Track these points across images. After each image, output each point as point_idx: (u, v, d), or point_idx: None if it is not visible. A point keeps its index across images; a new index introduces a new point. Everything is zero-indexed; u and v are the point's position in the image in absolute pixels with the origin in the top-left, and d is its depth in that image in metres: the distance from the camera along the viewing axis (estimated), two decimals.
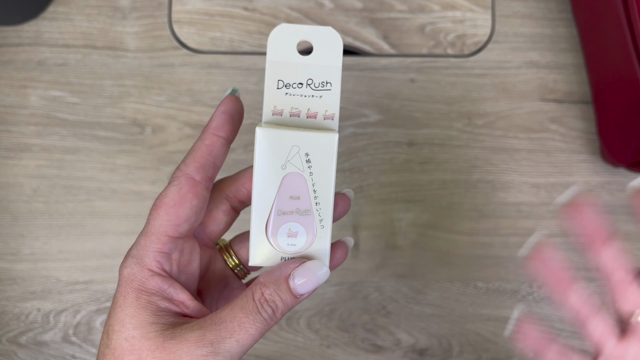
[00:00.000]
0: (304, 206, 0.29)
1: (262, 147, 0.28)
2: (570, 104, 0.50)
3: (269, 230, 0.29)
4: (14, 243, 0.48)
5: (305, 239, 0.29)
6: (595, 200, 0.49)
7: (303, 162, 0.29)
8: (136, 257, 0.28)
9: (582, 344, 0.48)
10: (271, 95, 0.29)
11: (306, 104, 0.29)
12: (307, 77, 0.29)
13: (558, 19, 0.51)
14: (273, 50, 0.29)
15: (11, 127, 0.49)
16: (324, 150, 0.28)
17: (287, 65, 0.29)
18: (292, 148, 0.28)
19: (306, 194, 0.29)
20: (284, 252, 0.29)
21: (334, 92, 0.29)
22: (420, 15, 0.50)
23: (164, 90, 0.49)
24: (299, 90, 0.29)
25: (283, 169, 0.28)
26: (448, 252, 0.48)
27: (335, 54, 0.29)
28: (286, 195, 0.29)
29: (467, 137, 0.49)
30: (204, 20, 0.50)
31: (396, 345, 0.47)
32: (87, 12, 0.50)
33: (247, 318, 0.27)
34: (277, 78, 0.29)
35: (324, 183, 0.29)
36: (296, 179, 0.29)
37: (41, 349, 0.47)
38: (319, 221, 0.29)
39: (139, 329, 0.27)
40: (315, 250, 0.29)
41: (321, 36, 0.29)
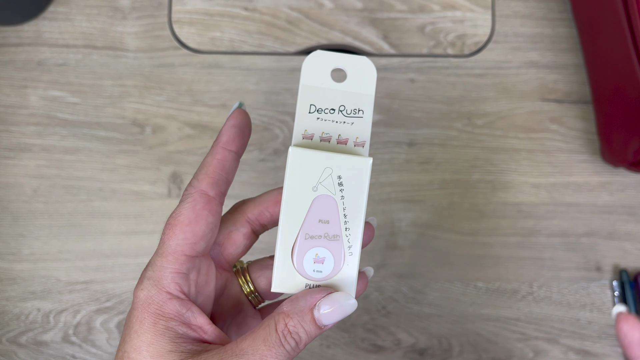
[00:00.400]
0: (333, 231, 0.28)
1: (294, 166, 0.28)
2: (570, 104, 0.50)
3: (295, 254, 0.28)
4: (14, 243, 0.48)
5: (332, 265, 0.28)
6: (595, 200, 0.49)
7: (335, 185, 0.28)
8: (153, 279, 0.27)
9: (582, 344, 0.48)
10: (303, 119, 0.28)
11: (337, 129, 0.29)
12: (340, 103, 0.29)
13: (558, 19, 0.51)
14: (307, 75, 0.29)
15: (11, 127, 0.49)
16: (358, 174, 0.28)
17: (320, 90, 0.29)
18: (324, 170, 0.28)
19: (336, 218, 0.28)
20: (309, 279, 0.28)
21: (366, 119, 0.29)
22: (420, 15, 0.50)
23: (164, 90, 0.49)
24: (331, 115, 0.29)
25: (314, 190, 0.28)
26: (448, 252, 0.48)
27: (368, 82, 0.29)
28: (315, 218, 0.28)
29: (467, 137, 0.49)
30: (204, 20, 0.50)
31: (396, 345, 0.47)
32: (87, 12, 0.50)
33: (269, 351, 0.26)
34: (309, 102, 0.28)
35: (355, 208, 0.28)
36: (327, 201, 0.28)
37: (41, 349, 0.47)
38: (347, 247, 0.28)
39: (156, 357, 0.26)
40: (342, 279, 0.28)
41: (355, 65, 0.29)
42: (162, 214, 0.48)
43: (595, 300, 0.48)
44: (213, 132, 0.49)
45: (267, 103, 0.49)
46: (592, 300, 0.48)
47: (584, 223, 0.49)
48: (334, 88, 0.29)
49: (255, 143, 0.49)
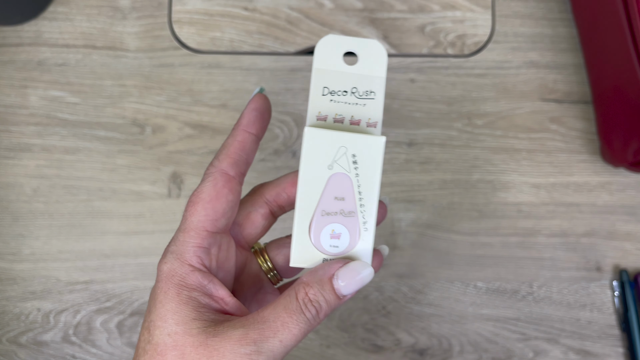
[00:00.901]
0: (348, 207, 0.29)
1: (310, 146, 0.29)
2: (570, 104, 0.50)
3: (312, 230, 0.29)
4: (14, 243, 0.48)
5: (348, 240, 0.29)
6: (595, 200, 0.49)
7: (350, 163, 0.29)
8: (176, 253, 0.28)
9: (582, 344, 0.48)
10: (316, 101, 0.29)
11: (350, 111, 0.29)
12: (352, 85, 0.29)
13: (558, 19, 0.51)
14: (319, 58, 0.29)
15: (11, 127, 0.49)
16: (372, 152, 0.29)
17: (333, 73, 0.29)
18: (339, 149, 0.29)
19: (351, 195, 0.29)
20: (326, 254, 0.29)
21: (378, 101, 0.29)
22: (420, 15, 0.50)
23: (164, 90, 0.49)
24: (344, 97, 0.29)
25: (329, 169, 0.29)
26: (448, 252, 0.48)
27: (379, 65, 0.29)
28: (331, 195, 0.29)
29: (467, 137, 0.49)
30: (204, 20, 0.50)
31: (396, 345, 0.47)
32: (87, 12, 0.50)
33: (290, 318, 0.27)
34: (322, 85, 0.29)
35: (369, 185, 0.29)
36: (342, 179, 0.29)
37: (41, 349, 0.47)
38: (362, 223, 0.29)
39: (181, 324, 0.27)
40: (358, 252, 0.29)
41: (366, 48, 0.29)
42: (162, 214, 0.48)
43: (595, 300, 0.48)
44: (213, 132, 0.49)
45: None
46: (592, 300, 0.48)
47: (584, 223, 0.48)
48: (346, 71, 0.29)
49: None
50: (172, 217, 0.48)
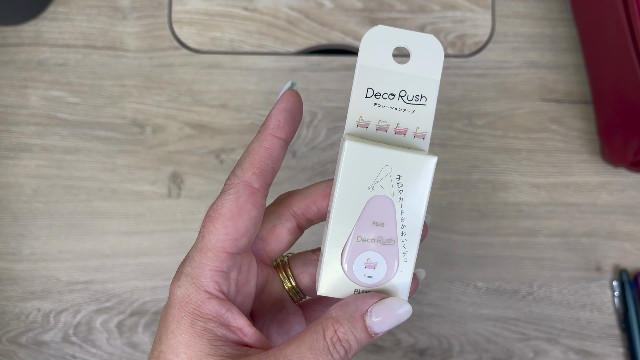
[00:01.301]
0: (388, 234, 0.26)
1: (350, 162, 0.25)
2: (570, 104, 0.50)
3: (345, 257, 0.26)
4: (14, 243, 0.48)
5: (385, 271, 0.26)
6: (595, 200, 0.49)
7: (394, 185, 0.25)
8: (191, 276, 0.26)
9: (582, 344, 0.48)
10: (358, 104, 0.26)
11: (396, 117, 0.26)
12: (401, 88, 0.26)
13: (558, 19, 0.51)
14: (365, 53, 0.26)
15: (11, 127, 0.49)
16: (420, 175, 0.25)
17: (380, 72, 0.26)
18: (383, 168, 0.25)
19: (392, 221, 0.26)
20: (358, 284, 0.26)
21: (429, 108, 0.26)
22: (420, 15, 0.50)
23: (164, 90, 0.49)
24: (390, 101, 0.26)
25: (370, 190, 0.25)
26: (448, 252, 0.48)
27: (434, 65, 0.26)
28: (369, 220, 0.26)
29: (467, 137, 0.49)
30: (204, 20, 0.50)
31: (396, 345, 0.47)
32: (87, 12, 0.50)
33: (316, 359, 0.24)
34: (366, 85, 0.26)
35: (414, 211, 0.26)
36: (383, 203, 0.26)
37: (41, 349, 0.47)
38: (402, 253, 0.26)
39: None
40: (394, 286, 0.26)
41: (421, 44, 0.26)
42: (162, 214, 0.48)
43: (595, 300, 0.48)
44: (213, 132, 0.49)
45: (267, 103, 0.49)
46: (592, 300, 0.48)
47: (584, 223, 0.48)
48: (395, 70, 0.26)
49: None
50: (172, 217, 0.48)
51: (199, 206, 0.48)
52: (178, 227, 0.48)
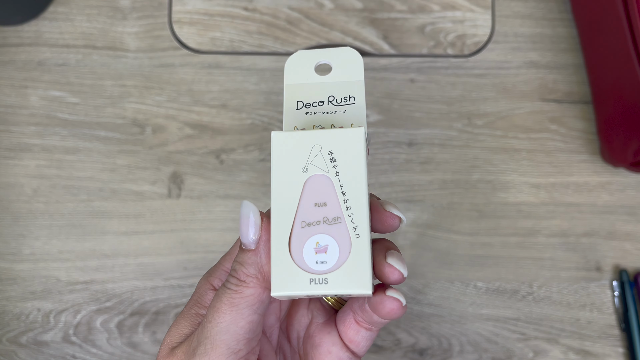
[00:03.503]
0: (332, 213, 0.24)
1: (279, 151, 0.25)
2: (570, 104, 0.50)
3: (292, 247, 0.24)
4: (15, 243, 0.48)
5: (337, 253, 0.24)
6: (595, 200, 0.49)
7: (327, 161, 0.25)
8: None
9: (582, 344, 0.48)
10: (291, 116, 0.26)
11: (330, 119, 0.26)
12: (328, 94, 0.27)
13: (558, 19, 0.51)
14: (290, 75, 0.27)
15: (11, 127, 0.49)
16: (351, 145, 0.25)
17: (306, 86, 0.27)
18: (312, 147, 0.25)
19: (334, 198, 0.24)
20: (312, 273, 0.24)
21: (359, 104, 0.26)
22: (420, 15, 0.50)
23: (164, 90, 0.49)
24: (320, 107, 0.26)
25: (304, 172, 0.25)
26: (448, 252, 0.48)
27: (356, 69, 0.27)
28: (310, 202, 0.25)
29: (467, 137, 0.49)
30: (204, 21, 0.50)
31: (396, 345, 0.47)
32: (87, 12, 0.50)
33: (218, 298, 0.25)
34: (295, 99, 0.27)
35: (354, 183, 0.25)
36: (321, 181, 0.25)
37: (41, 348, 0.47)
38: (352, 229, 0.24)
39: None
40: (352, 267, 0.24)
41: (339, 56, 0.27)
42: (162, 214, 0.48)
43: (595, 300, 0.48)
44: (213, 132, 0.49)
45: (267, 103, 0.49)
46: (592, 300, 0.48)
47: (584, 223, 0.48)
48: (320, 81, 0.27)
49: (255, 143, 0.49)
50: (172, 217, 0.48)
51: (199, 206, 0.48)
52: (178, 227, 0.48)
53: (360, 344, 0.27)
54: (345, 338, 0.27)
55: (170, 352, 0.27)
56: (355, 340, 0.27)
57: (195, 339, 0.25)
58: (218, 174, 0.48)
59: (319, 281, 0.24)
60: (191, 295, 0.28)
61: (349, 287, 0.24)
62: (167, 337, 0.28)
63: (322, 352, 0.27)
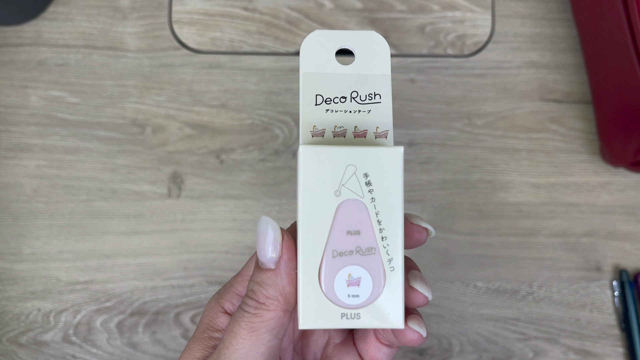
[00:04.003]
0: (366, 243, 0.23)
1: (308, 169, 0.23)
2: (570, 104, 0.50)
3: (323, 278, 0.23)
4: (15, 243, 0.48)
5: (371, 287, 0.23)
6: (595, 200, 0.49)
7: (362, 185, 0.23)
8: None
9: (582, 344, 0.48)
10: (309, 113, 0.24)
11: (352, 120, 0.24)
12: (351, 89, 0.24)
13: (558, 19, 0.51)
14: (307, 60, 0.24)
15: (11, 127, 0.49)
16: (388, 169, 0.23)
17: (326, 77, 0.24)
18: (347, 169, 0.23)
19: (369, 226, 0.23)
20: (344, 307, 0.23)
21: (385, 104, 0.24)
22: (420, 15, 0.50)
23: (164, 90, 0.49)
24: (342, 105, 0.24)
25: (337, 195, 0.23)
26: (448, 252, 0.48)
27: (382, 60, 0.24)
28: (343, 229, 0.23)
29: (467, 137, 0.49)
30: (204, 21, 0.50)
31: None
32: (87, 12, 0.50)
33: (237, 323, 0.24)
34: (314, 92, 0.24)
35: (390, 210, 0.23)
36: (354, 207, 0.23)
37: (41, 348, 0.47)
38: (387, 262, 0.23)
39: None
40: (385, 302, 0.23)
41: (364, 42, 0.24)
42: (162, 214, 0.48)
43: (595, 300, 0.48)
44: (213, 132, 0.49)
45: (267, 103, 0.49)
46: (592, 300, 0.48)
47: (584, 223, 0.48)
48: (342, 72, 0.24)
49: (255, 143, 0.49)
50: (172, 217, 0.48)
51: (199, 206, 0.48)
52: (178, 227, 0.48)
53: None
54: (366, 356, 0.27)
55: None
56: (377, 358, 0.26)
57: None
58: (218, 174, 0.48)
59: (351, 316, 0.23)
60: (201, 318, 0.27)
61: (381, 323, 0.23)
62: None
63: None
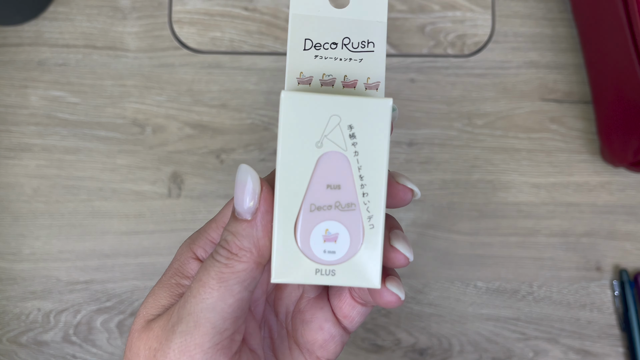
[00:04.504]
0: (346, 198, 0.22)
1: (290, 117, 0.21)
2: (570, 104, 0.50)
3: (299, 232, 0.22)
4: (15, 243, 0.48)
5: (348, 243, 0.22)
6: (595, 200, 0.49)
7: (345, 137, 0.21)
8: None
9: (582, 343, 0.48)
10: (296, 59, 0.22)
11: (342, 69, 0.22)
12: (343, 35, 0.23)
13: (558, 19, 0.51)
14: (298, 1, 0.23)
15: (12, 127, 0.49)
16: (376, 121, 0.21)
17: (317, 20, 0.22)
18: (330, 118, 0.21)
19: (350, 180, 0.22)
20: (319, 263, 0.22)
21: (378, 54, 0.23)
22: (420, 15, 0.50)
23: (164, 90, 0.49)
24: (333, 52, 0.22)
25: (318, 146, 0.21)
26: (448, 252, 0.48)
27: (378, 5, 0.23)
28: (322, 183, 0.22)
29: (467, 137, 0.49)
30: (204, 20, 0.50)
31: (396, 345, 0.47)
32: (87, 12, 0.50)
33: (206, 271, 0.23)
34: (303, 36, 0.22)
35: (374, 165, 0.22)
36: (336, 160, 0.22)
37: (42, 348, 0.47)
38: (367, 219, 0.22)
39: None
40: (362, 260, 0.22)
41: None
42: (162, 214, 0.48)
43: (595, 300, 0.48)
44: (213, 132, 0.49)
45: (267, 103, 0.49)
46: (592, 300, 0.48)
47: (584, 223, 0.49)
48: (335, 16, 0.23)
49: (255, 143, 0.49)
50: (172, 217, 0.48)
51: (199, 206, 0.48)
52: (178, 227, 0.48)
53: (354, 319, 0.26)
54: (340, 313, 0.26)
55: (146, 326, 0.24)
56: (350, 316, 0.26)
57: (175, 314, 0.23)
58: (218, 174, 0.48)
59: (326, 272, 0.22)
60: (170, 263, 0.26)
61: (357, 281, 0.22)
62: (142, 309, 0.25)
63: (313, 328, 0.26)
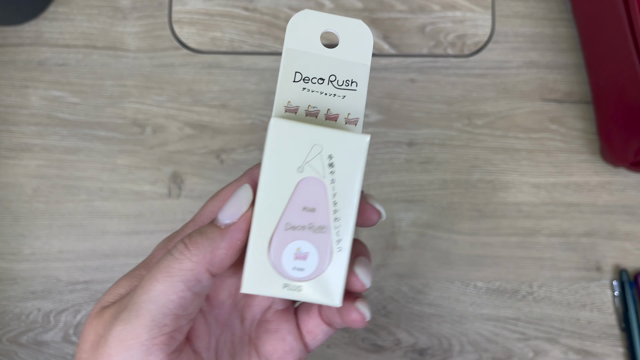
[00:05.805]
0: (319, 221, 0.24)
1: (277, 141, 0.23)
2: (570, 104, 0.50)
3: (272, 248, 0.24)
4: (15, 243, 0.48)
5: (316, 263, 0.24)
6: (595, 200, 0.49)
7: (325, 165, 0.24)
8: None
9: (582, 343, 0.48)
10: (286, 88, 0.25)
11: (326, 103, 0.25)
12: (330, 72, 0.25)
13: (558, 19, 0.51)
14: (292, 37, 0.25)
15: (12, 127, 0.49)
16: (352, 154, 0.24)
17: (308, 56, 0.25)
18: (313, 147, 0.24)
19: (324, 205, 0.24)
20: (287, 278, 0.24)
21: (360, 93, 0.25)
22: (420, 15, 0.50)
23: (164, 90, 0.49)
24: (319, 86, 0.25)
25: (300, 171, 0.24)
26: (448, 252, 0.48)
27: (364, 50, 0.25)
28: (299, 205, 0.24)
29: (467, 137, 0.49)
30: (204, 21, 0.50)
31: (396, 345, 0.47)
32: (87, 12, 0.50)
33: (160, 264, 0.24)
34: (294, 69, 0.25)
35: (347, 194, 0.24)
36: (314, 185, 0.24)
37: (42, 348, 0.47)
38: (335, 241, 0.24)
39: None
40: (327, 279, 0.24)
41: (349, 28, 0.25)
42: (162, 214, 0.48)
43: (595, 300, 0.48)
44: (213, 132, 0.49)
45: (267, 103, 0.49)
46: (592, 300, 0.48)
47: (584, 223, 0.49)
48: (324, 54, 0.25)
49: (255, 143, 0.49)
50: (172, 217, 0.48)
51: (199, 206, 0.48)
52: (178, 227, 0.48)
53: (317, 336, 0.27)
54: (305, 328, 0.27)
55: (100, 312, 0.25)
56: (314, 332, 0.27)
57: (124, 302, 0.24)
58: (218, 174, 0.48)
59: (293, 287, 0.24)
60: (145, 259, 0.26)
61: (320, 298, 0.24)
62: (103, 296, 0.26)
63: (276, 338, 0.27)
